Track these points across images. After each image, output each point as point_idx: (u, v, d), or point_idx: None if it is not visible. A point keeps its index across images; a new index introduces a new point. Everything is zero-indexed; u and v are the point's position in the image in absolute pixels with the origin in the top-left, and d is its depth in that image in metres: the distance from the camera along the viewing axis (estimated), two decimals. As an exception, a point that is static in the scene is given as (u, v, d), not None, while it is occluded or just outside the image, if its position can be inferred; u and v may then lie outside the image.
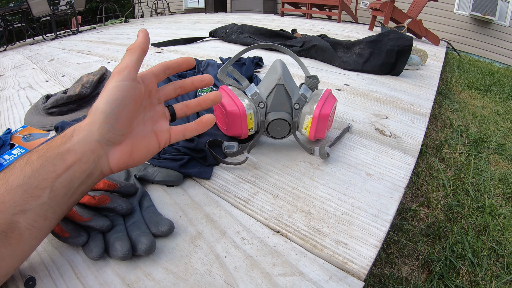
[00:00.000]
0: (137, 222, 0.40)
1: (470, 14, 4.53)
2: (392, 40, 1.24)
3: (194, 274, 0.36)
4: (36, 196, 0.32)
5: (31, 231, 0.32)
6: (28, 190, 0.31)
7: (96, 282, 0.35)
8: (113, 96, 0.36)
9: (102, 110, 0.35)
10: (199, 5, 7.42)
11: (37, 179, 0.32)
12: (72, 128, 0.35)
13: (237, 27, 2.07)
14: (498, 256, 0.86)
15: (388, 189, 0.52)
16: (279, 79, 0.56)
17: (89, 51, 1.90)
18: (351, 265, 0.37)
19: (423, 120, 0.84)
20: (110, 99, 0.36)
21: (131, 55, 0.39)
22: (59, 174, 0.33)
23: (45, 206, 0.32)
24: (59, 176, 0.33)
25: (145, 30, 0.41)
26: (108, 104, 0.35)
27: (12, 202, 0.30)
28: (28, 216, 0.31)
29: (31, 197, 0.31)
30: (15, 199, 0.30)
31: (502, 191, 1.16)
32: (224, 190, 0.51)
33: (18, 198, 0.30)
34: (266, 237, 0.41)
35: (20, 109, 0.93)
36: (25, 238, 0.31)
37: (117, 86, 0.36)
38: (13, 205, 0.30)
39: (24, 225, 0.31)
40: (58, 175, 0.33)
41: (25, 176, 0.31)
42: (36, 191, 0.32)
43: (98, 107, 0.35)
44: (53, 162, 0.33)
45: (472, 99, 2.19)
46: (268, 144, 0.65)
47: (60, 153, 0.34)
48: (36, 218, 0.32)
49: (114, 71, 0.38)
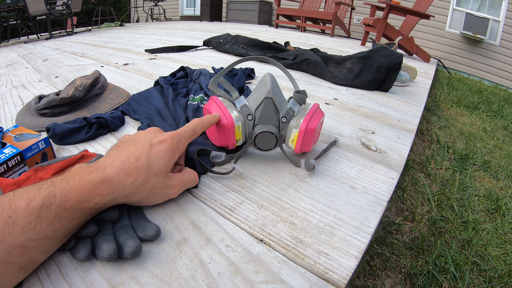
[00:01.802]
0: (124, 226, 0.41)
1: (462, 33, 4.64)
2: (382, 57, 1.27)
3: (178, 278, 0.37)
4: (60, 242, 0.37)
5: (45, 259, 0.37)
6: (54, 239, 0.35)
7: (82, 283, 0.35)
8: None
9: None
10: (194, 13, 7.47)
11: (65, 232, 0.36)
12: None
13: (231, 37, 2.10)
14: (480, 270, 0.88)
15: (371, 203, 0.54)
16: (268, 93, 0.58)
17: (83, 53, 1.91)
18: (331, 275, 0.39)
19: (409, 136, 0.86)
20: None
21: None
22: (85, 221, 0.39)
23: (64, 242, 0.37)
24: (84, 222, 0.39)
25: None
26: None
27: (38, 248, 0.34)
28: (48, 254, 0.36)
29: (56, 243, 0.36)
30: (41, 245, 0.34)
31: (486, 207, 1.19)
32: (210, 198, 0.52)
33: (44, 245, 0.34)
34: (250, 245, 0.42)
35: (12, 108, 0.93)
36: (39, 263, 0.36)
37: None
38: (38, 250, 0.34)
39: (42, 259, 0.36)
40: (84, 222, 0.39)
41: (54, 230, 0.35)
42: (62, 239, 0.36)
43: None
44: (82, 221, 0.38)
45: (460, 116, 2.24)
46: (255, 155, 0.67)
47: (91, 208, 0.38)
48: (54, 250, 0.37)
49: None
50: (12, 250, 0.31)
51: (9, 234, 0.31)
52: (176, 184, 0.46)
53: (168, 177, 0.45)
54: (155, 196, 0.45)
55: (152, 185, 0.42)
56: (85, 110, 0.83)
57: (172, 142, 0.46)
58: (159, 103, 0.86)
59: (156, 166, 0.43)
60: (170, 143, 0.46)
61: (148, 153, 0.43)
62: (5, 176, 0.52)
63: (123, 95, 0.94)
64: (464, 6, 4.73)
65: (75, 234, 0.39)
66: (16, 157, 0.54)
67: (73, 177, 0.37)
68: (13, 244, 0.31)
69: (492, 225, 1.09)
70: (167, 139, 0.46)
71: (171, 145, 0.46)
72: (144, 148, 0.43)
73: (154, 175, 0.42)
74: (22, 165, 0.55)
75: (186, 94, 0.97)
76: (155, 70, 1.41)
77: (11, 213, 0.32)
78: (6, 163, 0.52)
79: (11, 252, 0.31)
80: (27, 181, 0.47)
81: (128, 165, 0.40)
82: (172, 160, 0.46)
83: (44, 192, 0.35)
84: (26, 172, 0.48)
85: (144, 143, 0.44)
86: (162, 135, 0.47)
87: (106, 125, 0.74)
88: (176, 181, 0.46)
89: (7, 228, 0.31)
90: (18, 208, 0.33)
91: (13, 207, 0.33)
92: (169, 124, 0.75)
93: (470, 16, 4.58)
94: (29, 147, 0.56)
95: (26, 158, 0.56)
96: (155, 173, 0.42)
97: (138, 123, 0.81)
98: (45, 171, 0.49)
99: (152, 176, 0.42)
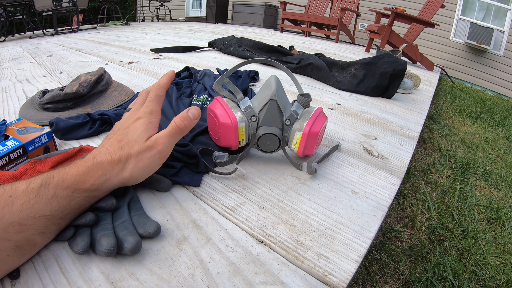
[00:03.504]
0: (124, 222, 0.41)
1: (466, 42, 4.65)
2: (386, 64, 1.27)
3: (177, 277, 0.37)
4: (58, 224, 0.37)
5: (43, 243, 0.37)
6: (52, 219, 0.36)
7: (80, 278, 0.35)
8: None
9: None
10: (200, 14, 7.50)
11: (63, 213, 0.37)
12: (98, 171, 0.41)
13: (236, 39, 2.10)
14: (479, 279, 0.87)
15: (372, 208, 0.54)
16: (273, 95, 0.58)
17: (88, 50, 1.91)
18: (331, 278, 0.38)
19: (411, 143, 0.86)
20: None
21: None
22: (83, 207, 0.40)
23: (62, 226, 0.38)
24: (82, 207, 0.40)
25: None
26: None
27: (35, 227, 0.34)
28: (46, 236, 0.37)
29: (54, 224, 0.37)
30: (38, 224, 0.35)
31: (486, 216, 1.19)
32: (212, 198, 0.52)
33: (41, 224, 0.35)
34: (250, 246, 0.42)
35: (15, 101, 0.93)
36: (37, 249, 0.37)
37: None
38: (36, 229, 0.35)
39: (40, 242, 0.36)
40: (82, 207, 0.40)
41: (52, 209, 0.35)
42: (59, 221, 0.37)
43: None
44: (79, 203, 0.39)
45: (462, 125, 2.24)
46: (257, 156, 0.67)
47: (87, 189, 0.40)
48: (52, 235, 0.38)
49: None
50: (9, 227, 0.32)
51: (8, 211, 0.32)
52: (156, 140, 0.45)
53: (148, 141, 0.46)
54: (145, 162, 0.44)
55: (135, 154, 0.43)
56: (88, 107, 0.83)
57: (145, 115, 0.48)
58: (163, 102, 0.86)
59: (135, 136, 0.45)
60: (144, 117, 0.48)
61: (126, 132, 0.46)
62: (6, 168, 0.52)
63: (127, 93, 0.94)
64: (469, 15, 4.74)
65: (73, 223, 0.39)
66: (18, 149, 0.54)
67: (70, 166, 0.40)
68: (11, 221, 0.32)
69: (492, 235, 1.08)
70: (140, 115, 0.48)
71: (145, 118, 0.48)
72: (123, 129, 0.47)
73: (134, 144, 0.44)
74: (24, 158, 0.55)
75: (190, 94, 0.97)
76: (159, 70, 1.41)
77: (12, 193, 0.34)
78: (8, 156, 0.52)
79: (8, 229, 0.32)
80: (25, 174, 0.47)
81: (112, 148, 0.43)
82: (149, 129, 0.47)
83: (43, 175, 0.37)
84: (24, 165, 0.48)
85: (123, 125, 0.48)
86: (135, 115, 0.49)
87: (109, 122, 0.74)
88: (155, 138, 0.46)
89: (6, 206, 0.33)
90: (19, 189, 0.34)
91: (14, 188, 0.34)
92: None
93: (474, 25, 4.59)
94: (32, 141, 0.57)
95: (28, 151, 0.56)
96: (135, 142, 0.44)
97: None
98: (43, 164, 0.50)
99: (132, 146, 0.44)
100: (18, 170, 0.47)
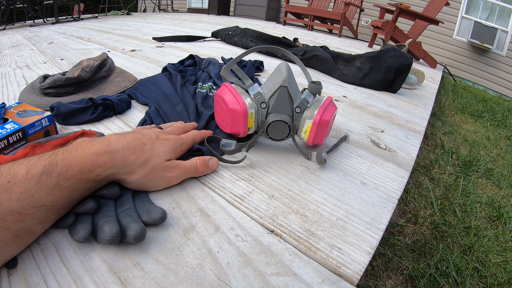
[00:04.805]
0: (128, 209, 0.39)
1: (469, 41, 4.63)
2: (392, 58, 1.26)
3: (185, 267, 0.35)
4: (58, 213, 0.36)
5: (42, 231, 0.36)
6: (53, 209, 0.34)
7: (81, 268, 0.33)
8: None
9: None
10: (202, 5, 7.42)
11: (64, 204, 0.35)
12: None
13: (240, 30, 2.08)
14: (481, 276, 0.87)
15: (382, 199, 0.52)
16: (284, 81, 0.56)
17: (90, 38, 1.88)
18: (344, 270, 0.37)
19: (417, 137, 0.85)
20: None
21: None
22: (84, 196, 0.38)
23: (62, 215, 0.37)
24: (84, 196, 0.38)
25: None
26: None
27: (35, 216, 0.33)
28: (45, 225, 0.35)
29: (54, 214, 0.35)
30: (38, 214, 0.33)
31: (488, 214, 1.18)
32: (220, 186, 0.50)
33: (41, 214, 0.33)
34: (260, 236, 0.41)
35: (15, 87, 0.91)
36: (36, 237, 0.35)
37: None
38: (35, 219, 0.33)
39: (39, 231, 0.35)
40: (84, 196, 0.38)
41: (53, 199, 0.34)
42: (60, 211, 0.35)
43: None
44: (82, 194, 0.38)
45: (464, 123, 2.23)
46: (265, 145, 0.65)
47: (92, 180, 0.38)
48: (51, 224, 0.36)
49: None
50: (8, 215, 0.30)
51: (6, 199, 0.30)
52: (175, 167, 0.47)
53: (168, 162, 0.47)
54: (154, 178, 0.44)
55: (152, 165, 0.43)
56: (90, 92, 0.81)
57: (176, 142, 0.50)
58: (168, 89, 0.84)
59: (159, 149, 0.46)
60: (174, 141, 0.50)
61: (153, 141, 0.46)
62: (4, 152, 0.50)
63: (130, 79, 0.92)
64: (473, 14, 4.71)
65: (73, 210, 0.37)
66: (17, 133, 0.52)
67: (76, 148, 0.38)
68: (10, 209, 0.30)
69: (494, 233, 1.08)
70: (171, 138, 0.50)
71: (174, 143, 0.50)
72: (151, 138, 0.47)
73: (156, 156, 0.44)
74: (24, 142, 0.53)
75: (195, 82, 0.95)
76: (162, 58, 1.39)
77: (10, 178, 0.31)
78: (7, 139, 0.50)
79: (7, 218, 0.30)
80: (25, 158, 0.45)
81: (134, 145, 0.43)
82: (173, 155, 0.48)
83: (45, 160, 0.34)
84: (23, 148, 0.46)
85: (151, 135, 0.48)
86: (167, 136, 0.51)
87: (112, 107, 0.72)
88: (175, 165, 0.47)
89: (4, 193, 0.30)
90: (18, 174, 0.32)
91: (12, 172, 0.32)
92: (178, 110, 0.73)
93: (478, 25, 4.57)
94: (32, 124, 0.55)
95: (28, 135, 0.54)
96: (157, 155, 0.45)
97: (145, 107, 0.79)
98: (44, 147, 0.48)
99: (154, 157, 0.44)
100: (17, 153, 0.45)
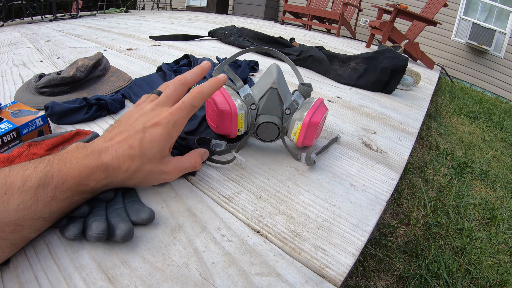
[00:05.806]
0: (118, 209, 0.40)
1: (467, 42, 4.64)
2: (387, 59, 1.26)
3: (171, 265, 0.36)
4: (54, 222, 0.36)
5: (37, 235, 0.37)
6: (49, 220, 0.35)
7: (71, 265, 0.34)
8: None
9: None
10: (201, 4, 7.42)
11: (60, 214, 0.36)
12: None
13: (237, 29, 2.08)
14: (473, 278, 0.88)
15: (370, 201, 0.53)
16: (273, 83, 0.56)
17: (87, 36, 1.88)
18: (328, 271, 0.38)
19: (410, 139, 0.86)
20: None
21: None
22: (79, 204, 0.38)
23: (56, 220, 0.37)
24: (78, 205, 0.38)
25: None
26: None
27: (32, 226, 0.34)
28: (41, 232, 0.36)
29: (50, 223, 0.36)
30: (35, 224, 0.34)
31: (481, 215, 1.19)
32: (208, 186, 0.51)
33: (38, 224, 0.34)
34: (246, 236, 0.41)
35: (11, 85, 0.91)
36: (30, 240, 0.36)
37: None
38: (32, 228, 0.34)
39: (34, 236, 0.36)
40: (78, 205, 0.38)
41: (50, 211, 0.34)
42: (56, 220, 0.36)
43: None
44: (76, 204, 0.38)
45: (460, 125, 2.24)
46: (255, 146, 0.66)
47: (87, 191, 0.38)
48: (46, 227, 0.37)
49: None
50: (5, 227, 0.31)
51: (4, 210, 0.31)
52: (172, 170, 0.45)
53: (164, 162, 0.44)
54: (151, 180, 0.44)
55: (147, 171, 0.42)
56: (85, 91, 0.82)
57: (167, 126, 0.42)
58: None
59: (150, 153, 0.41)
60: (165, 127, 0.42)
61: (141, 140, 0.40)
62: (-1, 151, 0.51)
63: (125, 78, 0.92)
64: (472, 16, 4.73)
65: (67, 214, 0.38)
66: (12, 132, 0.52)
67: (70, 158, 0.37)
68: (7, 221, 0.31)
69: (486, 235, 1.09)
70: (162, 121, 0.42)
71: (166, 129, 0.42)
72: (137, 133, 0.41)
73: (148, 162, 0.41)
74: (18, 141, 0.54)
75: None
76: (158, 57, 1.39)
77: (7, 190, 0.31)
78: (1, 138, 0.51)
79: (4, 229, 0.31)
80: (20, 157, 0.46)
81: (121, 152, 0.39)
82: (168, 144, 0.44)
83: (41, 172, 0.34)
84: (19, 147, 0.47)
85: (137, 126, 0.42)
86: (156, 117, 0.43)
87: (105, 107, 0.72)
88: (172, 166, 0.45)
89: (1, 205, 0.31)
90: (14, 185, 0.32)
91: (9, 183, 0.32)
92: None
93: (476, 26, 4.58)
94: (26, 124, 0.55)
95: (22, 134, 0.55)
96: (149, 160, 0.41)
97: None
98: (39, 146, 0.48)
99: (146, 163, 0.41)
100: (13, 152, 0.46)
